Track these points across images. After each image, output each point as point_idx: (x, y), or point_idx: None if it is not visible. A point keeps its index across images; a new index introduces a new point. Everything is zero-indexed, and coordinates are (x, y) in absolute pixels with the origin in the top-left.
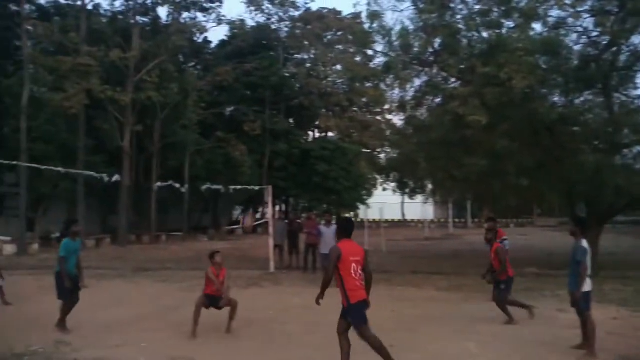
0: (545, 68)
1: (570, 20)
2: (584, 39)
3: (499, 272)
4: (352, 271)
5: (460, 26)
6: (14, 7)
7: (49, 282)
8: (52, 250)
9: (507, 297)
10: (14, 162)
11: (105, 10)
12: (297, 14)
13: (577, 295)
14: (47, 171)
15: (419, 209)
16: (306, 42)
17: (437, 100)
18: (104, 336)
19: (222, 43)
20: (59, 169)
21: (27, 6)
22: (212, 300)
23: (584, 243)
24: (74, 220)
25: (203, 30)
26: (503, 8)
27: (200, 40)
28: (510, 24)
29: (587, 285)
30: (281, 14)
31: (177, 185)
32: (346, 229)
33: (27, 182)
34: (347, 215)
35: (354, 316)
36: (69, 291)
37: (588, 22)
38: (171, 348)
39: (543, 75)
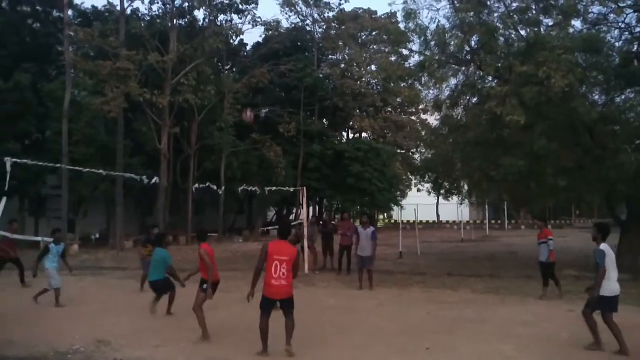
0: (585, 66)
1: (612, 16)
2: (626, 35)
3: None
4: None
5: (498, 24)
6: (56, 14)
7: (89, 282)
8: (92, 251)
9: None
10: (56, 165)
11: (143, 15)
12: (331, 14)
13: (591, 295)
14: (87, 173)
15: (454, 210)
16: (340, 43)
17: (474, 99)
18: (144, 336)
19: (258, 45)
20: (100, 171)
21: (69, 12)
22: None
23: (603, 246)
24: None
25: (239, 32)
26: (542, 5)
27: (236, 43)
28: (549, 21)
29: (610, 291)
30: (315, 15)
31: (214, 187)
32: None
33: (68, 184)
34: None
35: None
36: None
37: (631, 17)
38: (209, 348)
39: (583, 74)
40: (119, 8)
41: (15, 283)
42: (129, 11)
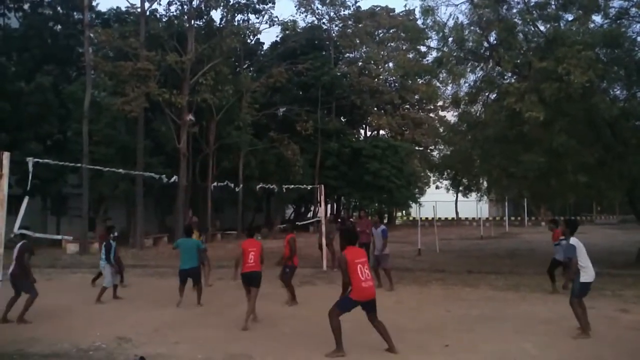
0: (605, 61)
1: (633, 10)
2: None
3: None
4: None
5: (517, 20)
6: (77, 16)
7: None
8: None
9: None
10: (77, 165)
11: (161, 15)
12: (347, 12)
13: (567, 287)
14: (107, 172)
15: (473, 207)
16: (357, 41)
17: (493, 96)
18: (163, 333)
19: (275, 44)
20: (120, 170)
21: (89, 14)
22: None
23: (573, 241)
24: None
25: (256, 32)
26: (561, 0)
27: (253, 42)
28: (569, 16)
29: (589, 277)
30: (332, 13)
31: (232, 185)
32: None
33: (89, 183)
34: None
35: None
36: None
37: None
38: (228, 345)
39: (603, 69)
40: (138, 9)
41: (37, 281)
42: (147, 12)
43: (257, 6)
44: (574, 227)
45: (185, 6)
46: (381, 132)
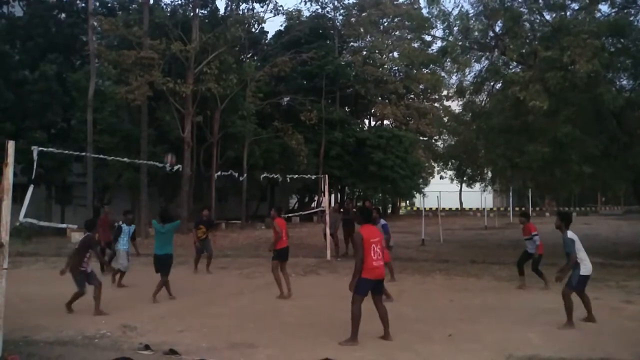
0: (611, 50)
1: None
2: None
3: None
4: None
5: (522, 9)
6: (80, 4)
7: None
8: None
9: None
10: (81, 153)
11: (165, 4)
12: (351, 1)
13: (561, 276)
14: (111, 161)
15: (478, 197)
16: (362, 30)
17: (498, 85)
18: (168, 322)
19: (279, 33)
20: (124, 159)
21: (93, 2)
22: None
23: (570, 234)
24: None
25: (260, 20)
26: None
27: (257, 31)
28: (575, 5)
29: (588, 270)
30: (336, 2)
31: (236, 174)
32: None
33: (93, 172)
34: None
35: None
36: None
37: None
38: (231, 333)
39: (609, 58)
40: None
41: (42, 269)
42: (152, 0)
43: None
44: (569, 220)
45: None
46: (385, 121)
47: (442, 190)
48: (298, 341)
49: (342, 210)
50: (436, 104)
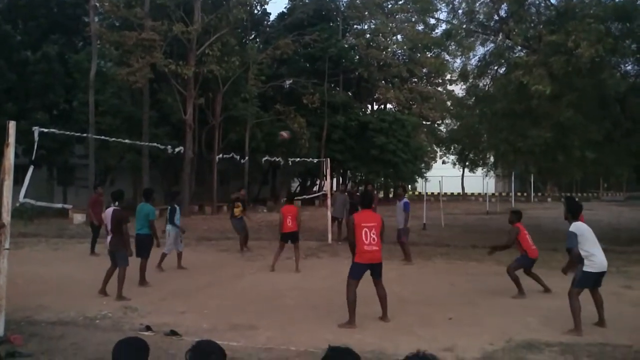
0: (616, 35)
1: None
2: None
3: None
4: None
5: None
6: None
7: None
8: None
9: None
10: (83, 135)
11: None
12: None
13: (566, 270)
14: (113, 143)
15: (480, 182)
16: (366, 12)
17: (502, 69)
18: (169, 303)
19: (282, 15)
20: (126, 140)
21: None
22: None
23: (574, 227)
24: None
25: (263, 2)
26: None
27: (260, 13)
28: None
29: (592, 267)
30: None
31: (238, 157)
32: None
33: (95, 154)
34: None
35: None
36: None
37: None
38: (232, 315)
39: (613, 43)
40: None
41: (44, 250)
42: None
43: None
44: (576, 210)
45: None
46: (388, 105)
47: (444, 175)
48: (298, 323)
49: (346, 193)
50: (439, 88)
